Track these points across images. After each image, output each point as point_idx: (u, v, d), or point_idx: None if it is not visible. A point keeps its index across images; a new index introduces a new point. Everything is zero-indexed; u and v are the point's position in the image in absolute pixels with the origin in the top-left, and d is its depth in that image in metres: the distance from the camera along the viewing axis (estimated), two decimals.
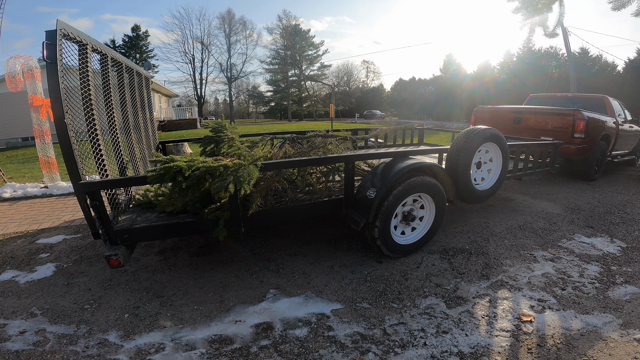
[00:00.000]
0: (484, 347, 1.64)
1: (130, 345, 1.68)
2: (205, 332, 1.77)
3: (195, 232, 2.14)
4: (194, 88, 42.56)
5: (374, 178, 2.41)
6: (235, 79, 43.92)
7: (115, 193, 2.13)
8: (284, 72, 45.68)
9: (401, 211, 2.52)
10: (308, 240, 2.90)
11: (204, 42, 40.99)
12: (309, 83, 47.59)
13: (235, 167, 1.87)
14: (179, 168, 1.80)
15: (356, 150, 3.32)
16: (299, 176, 2.55)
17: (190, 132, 17.30)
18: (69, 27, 1.74)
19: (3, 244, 3.04)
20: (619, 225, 3.34)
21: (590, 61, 29.70)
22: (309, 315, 1.90)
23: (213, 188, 1.78)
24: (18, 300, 2.11)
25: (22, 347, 1.67)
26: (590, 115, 4.85)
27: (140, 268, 2.48)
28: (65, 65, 1.72)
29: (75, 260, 2.64)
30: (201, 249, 2.77)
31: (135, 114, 2.99)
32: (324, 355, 1.60)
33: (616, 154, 6.06)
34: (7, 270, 2.51)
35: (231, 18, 41.48)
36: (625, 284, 2.22)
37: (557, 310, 1.93)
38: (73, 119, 1.77)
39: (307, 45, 45.59)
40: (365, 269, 2.41)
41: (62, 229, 3.37)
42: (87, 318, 1.91)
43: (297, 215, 2.35)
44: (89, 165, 1.90)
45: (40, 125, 5.16)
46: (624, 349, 1.62)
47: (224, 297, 2.09)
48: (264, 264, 2.50)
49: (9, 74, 5.13)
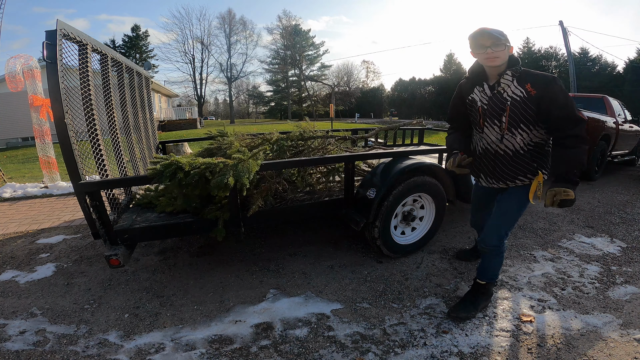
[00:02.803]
0: (484, 347, 1.64)
1: (130, 345, 1.68)
2: (205, 332, 1.77)
3: (195, 232, 2.14)
4: (194, 88, 42.53)
5: (373, 178, 2.41)
6: (235, 79, 43.90)
7: (115, 193, 2.13)
8: (284, 72, 45.67)
9: (401, 211, 2.52)
10: (308, 240, 2.90)
11: (204, 42, 40.98)
12: (309, 83, 47.59)
13: (234, 163, 1.87)
14: (179, 165, 1.81)
15: (356, 150, 3.31)
16: (299, 176, 2.55)
17: (190, 132, 17.31)
18: (69, 27, 1.74)
19: (3, 244, 3.04)
20: (619, 225, 3.34)
21: (590, 61, 29.72)
22: (309, 315, 1.90)
23: (213, 183, 1.78)
24: (18, 300, 2.11)
25: (22, 347, 1.67)
26: (590, 115, 4.85)
27: (140, 268, 2.48)
28: (65, 65, 1.72)
29: (75, 260, 2.64)
30: (201, 249, 2.77)
31: (135, 114, 2.99)
32: (324, 355, 1.60)
33: (616, 154, 6.06)
34: (7, 270, 2.51)
35: (231, 18, 41.48)
36: (625, 284, 2.22)
37: (557, 310, 1.93)
38: (73, 119, 1.77)
39: (307, 45, 45.57)
40: (365, 269, 2.41)
41: (62, 229, 3.37)
42: (87, 318, 1.91)
43: (297, 216, 2.35)
44: (89, 165, 1.90)
45: (40, 125, 5.17)
46: (624, 349, 1.62)
47: (224, 297, 2.09)
48: (264, 264, 2.50)
49: (9, 74, 5.14)
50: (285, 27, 44.09)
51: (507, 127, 1.62)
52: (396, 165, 2.40)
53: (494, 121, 1.65)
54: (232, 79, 42.82)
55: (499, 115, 1.62)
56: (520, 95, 1.55)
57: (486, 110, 1.66)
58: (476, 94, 1.71)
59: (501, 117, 1.61)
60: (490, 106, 1.64)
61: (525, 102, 1.54)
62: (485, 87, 1.65)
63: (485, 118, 1.67)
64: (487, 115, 1.66)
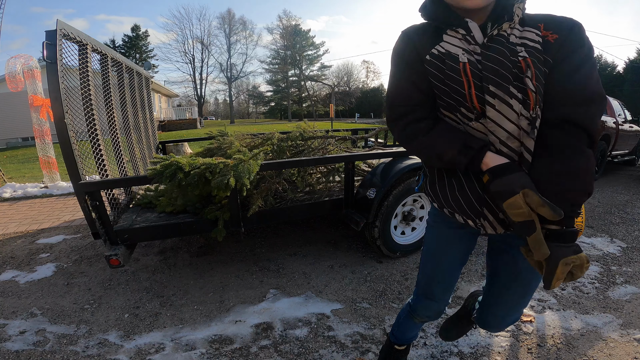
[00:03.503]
0: (484, 347, 1.64)
1: (130, 345, 1.68)
2: (205, 332, 1.77)
3: (195, 232, 2.14)
4: (194, 88, 42.57)
5: (373, 178, 2.41)
6: (235, 79, 43.95)
7: (115, 193, 2.13)
8: (284, 72, 45.68)
9: (401, 211, 2.52)
10: (308, 240, 2.90)
11: (204, 42, 41.03)
12: (309, 83, 47.61)
13: (235, 163, 1.88)
14: (179, 165, 1.81)
15: (356, 150, 3.32)
16: (299, 176, 2.55)
17: (190, 132, 17.31)
18: (69, 27, 1.74)
19: (3, 244, 3.04)
20: (619, 225, 3.34)
21: None
22: (309, 315, 1.90)
23: (214, 183, 1.78)
24: (18, 300, 2.11)
25: (22, 347, 1.67)
26: None
27: (140, 268, 2.48)
28: (65, 65, 1.72)
29: (75, 260, 2.64)
30: (201, 249, 2.77)
31: (135, 114, 3.00)
32: (324, 355, 1.60)
33: (616, 154, 6.06)
34: (7, 270, 2.51)
35: (231, 18, 41.52)
36: (625, 284, 2.22)
37: (557, 310, 1.93)
38: (73, 119, 1.77)
39: (307, 45, 45.59)
40: (365, 269, 2.41)
41: (62, 229, 3.37)
42: (87, 318, 1.91)
43: (297, 216, 2.35)
44: (89, 165, 1.90)
45: (40, 125, 5.17)
46: (624, 349, 1.62)
47: (224, 297, 2.09)
48: (264, 264, 2.50)
49: (10, 73, 5.14)
50: (285, 27, 44.13)
51: (537, 100, 0.79)
52: (396, 165, 2.40)
53: (508, 90, 0.79)
54: (232, 79, 42.87)
55: (515, 77, 0.79)
56: (536, 41, 0.80)
57: (485, 74, 0.80)
58: (451, 44, 0.85)
59: (523, 80, 0.79)
60: (492, 62, 0.80)
61: (541, 55, 0.79)
62: (472, 29, 0.82)
63: (487, 87, 0.81)
64: (490, 81, 0.80)
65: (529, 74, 0.78)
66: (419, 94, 0.91)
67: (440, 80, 0.86)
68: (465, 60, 0.82)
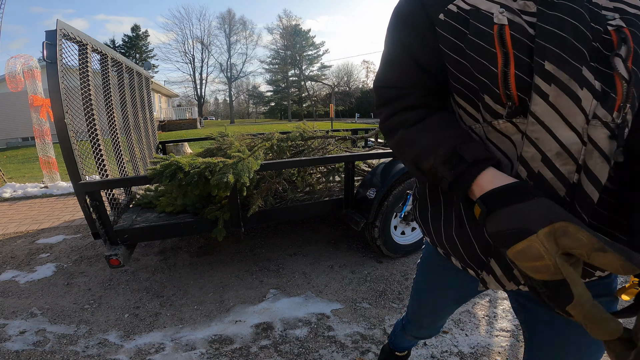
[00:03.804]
0: (484, 347, 1.64)
1: (130, 345, 1.68)
2: (205, 332, 1.77)
3: (195, 232, 2.14)
4: (194, 88, 42.62)
5: (373, 178, 2.41)
6: (235, 79, 43.99)
7: (115, 193, 2.13)
8: (284, 72, 45.72)
9: None
10: (308, 241, 2.90)
11: (204, 42, 41.06)
12: (309, 83, 47.63)
13: (234, 161, 1.88)
14: (179, 165, 1.81)
15: (356, 150, 3.32)
16: (299, 176, 2.55)
17: (190, 132, 17.32)
18: (69, 27, 1.74)
19: (3, 244, 3.04)
20: None
21: None
22: (309, 315, 1.90)
23: (213, 182, 1.79)
24: (18, 300, 2.11)
25: (22, 347, 1.67)
26: None
27: (140, 268, 2.48)
28: (65, 65, 1.72)
29: (75, 260, 2.65)
30: (201, 249, 2.77)
31: (135, 114, 3.00)
32: (324, 355, 1.60)
33: None
34: (7, 270, 2.51)
35: (231, 18, 41.56)
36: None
37: None
38: (73, 119, 1.77)
39: (307, 45, 45.62)
40: (365, 269, 2.41)
41: (62, 229, 3.37)
42: (87, 318, 1.91)
43: (297, 216, 2.35)
44: (89, 165, 1.90)
45: (40, 125, 5.17)
46: None
47: (224, 297, 2.09)
48: (264, 264, 2.50)
49: (10, 73, 5.14)
50: (285, 27, 44.16)
51: (630, 96, 0.45)
52: (396, 165, 2.40)
53: (579, 74, 0.45)
54: (232, 79, 42.91)
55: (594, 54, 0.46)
56: None
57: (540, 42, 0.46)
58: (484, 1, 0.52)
59: (608, 61, 0.45)
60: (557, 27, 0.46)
61: None
62: None
63: (541, 65, 0.46)
64: (550, 55, 0.45)
65: (623, 51, 0.44)
66: (416, 72, 0.60)
67: (458, 50, 0.54)
68: (505, 22, 0.49)
